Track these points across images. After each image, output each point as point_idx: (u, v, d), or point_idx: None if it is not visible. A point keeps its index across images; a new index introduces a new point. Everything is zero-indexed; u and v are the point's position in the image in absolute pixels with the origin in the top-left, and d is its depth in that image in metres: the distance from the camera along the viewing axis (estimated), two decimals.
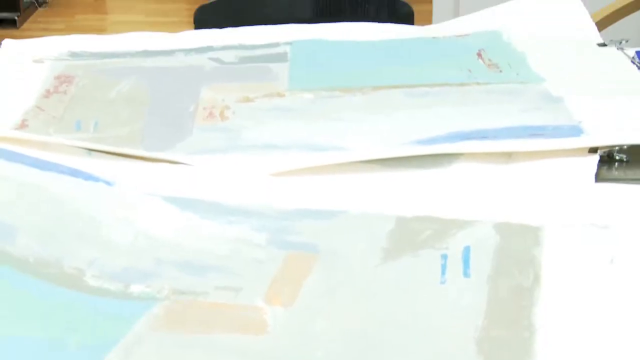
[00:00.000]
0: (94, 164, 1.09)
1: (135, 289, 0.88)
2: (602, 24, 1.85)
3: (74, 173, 1.06)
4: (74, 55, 1.43)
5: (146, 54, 1.43)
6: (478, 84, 1.30)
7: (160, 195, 1.03)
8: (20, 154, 1.09)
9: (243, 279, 0.89)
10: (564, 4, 1.52)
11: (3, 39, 1.49)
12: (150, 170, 1.09)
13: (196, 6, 1.80)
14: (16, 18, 3.94)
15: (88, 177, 1.05)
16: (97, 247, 0.94)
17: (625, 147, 1.09)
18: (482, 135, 1.13)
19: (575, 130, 1.13)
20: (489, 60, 1.37)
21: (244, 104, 1.26)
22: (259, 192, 1.04)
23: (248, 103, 1.26)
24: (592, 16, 1.52)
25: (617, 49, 1.40)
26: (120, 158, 1.11)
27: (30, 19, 4.08)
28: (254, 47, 1.45)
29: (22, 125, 1.19)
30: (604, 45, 1.42)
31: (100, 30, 4.00)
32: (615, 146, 1.09)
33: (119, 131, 1.19)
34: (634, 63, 1.35)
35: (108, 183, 1.05)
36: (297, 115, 1.22)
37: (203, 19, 1.75)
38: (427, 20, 2.89)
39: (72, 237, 0.95)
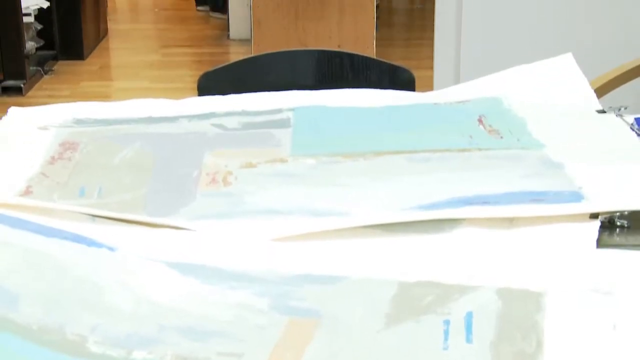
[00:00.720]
0: (97, 230, 1.09)
1: (138, 355, 0.88)
2: (601, 91, 1.87)
3: (77, 239, 1.06)
4: (78, 122, 1.44)
5: (150, 120, 1.45)
6: (479, 149, 1.31)
7: (163, 261, 1.04)
8: (24, 220, 1.09)
9: (245, 345, 0.89)
10: (563, 71, 1.54)
11: (9, 106, 1.51)
12: (153, 236, 1.09)
13: (200, 73, 1.82)
14: (22, 85, 3.98)
15: (91, 242, 1.06)
16: (100, 313, 0.94)
17: (626, 213, 1.09)
18: (483, 200, 1.13)
19: (576, 196, 1.13)
20: (490, 126, 1.39)
21: (246, 170, 1.27)
22: (261, 258, 1.04)
23: (251, 169, 1.27)
24: (591, 83, 1.53)
25: (616, 115, 1.41)
26: (124, 223, 1.12)
27: (36, 86, 4.12)
28: (256, 113, 1.46)
29: (27, 192, 1.20)
30: (603, 112, 1.43)
31: (105, 96, 4.04)
32: (616, 212, 1.09)
33: (123, 197, 1.19)
34: (633, 130, 1.36)
35: (111, 249, 1.05)
36: (300, 181, 1.23)
37: (206, 86, 1.77)
38: (428, 86, 2.91)
39: (75, 303, 0.95)
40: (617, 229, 1.09)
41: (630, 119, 1.39)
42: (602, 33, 2.81)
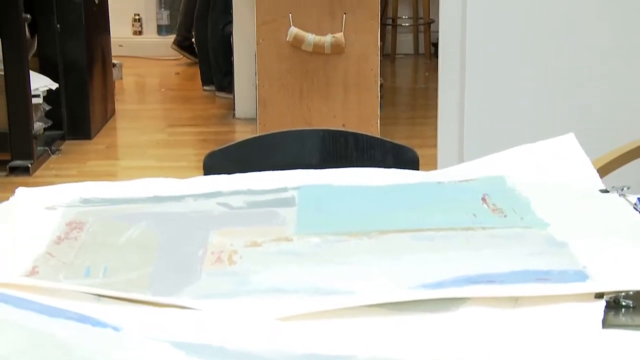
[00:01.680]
0: (102, 310, 1.09)
1: None
2: (603, 171, 1.88)
3: (82, 319, 1.06)
4: (85, 201, 1.45)
5: (156, 199, 1.46)
6: (483, 228, 1.31)
7: (168, 341, 1.03)
8: (29, 300, 1.09)
9: None
10: (566, 151, 1.56)
11: (16, 186, 1.52)
12: (158, 315, 1.09)
13: (205, 152, 1.84)
14: (29, 165, 4.01)
15: (96, 323, 1.06)
16: None
17: (631, 293, 1.09)
18: (488, 279, 1.14)
19: (581, 276, 1.13)
20: (494, 205, 1.39)
21: (251, 249, 1.27)
22: (266, 337, 1.04)
23: (256, 247, 1.27)
24: (593, 163, 1.55)
25: (619, 195, 1.42)
26: (129, 303, 1.12)
27: (43, 165, 4.14)
28: (262, 192, 1.48)
29: (33, 272, 1.20)
30: (606, 191, 1.44)
31: (111, 175, 4.06)
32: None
33: (128, 276, 1.19)
34: (636, 209, 1.36)
35: (116, 329, 1.05)
36: (305, 260, 1.23)
37: (212, 165, 1.78)
38: (432, 165, 2.93)
39: None
40: (623, 309, 1.08)
41: (633, 198, 1.40)
42: (604, 113, 2.83)
